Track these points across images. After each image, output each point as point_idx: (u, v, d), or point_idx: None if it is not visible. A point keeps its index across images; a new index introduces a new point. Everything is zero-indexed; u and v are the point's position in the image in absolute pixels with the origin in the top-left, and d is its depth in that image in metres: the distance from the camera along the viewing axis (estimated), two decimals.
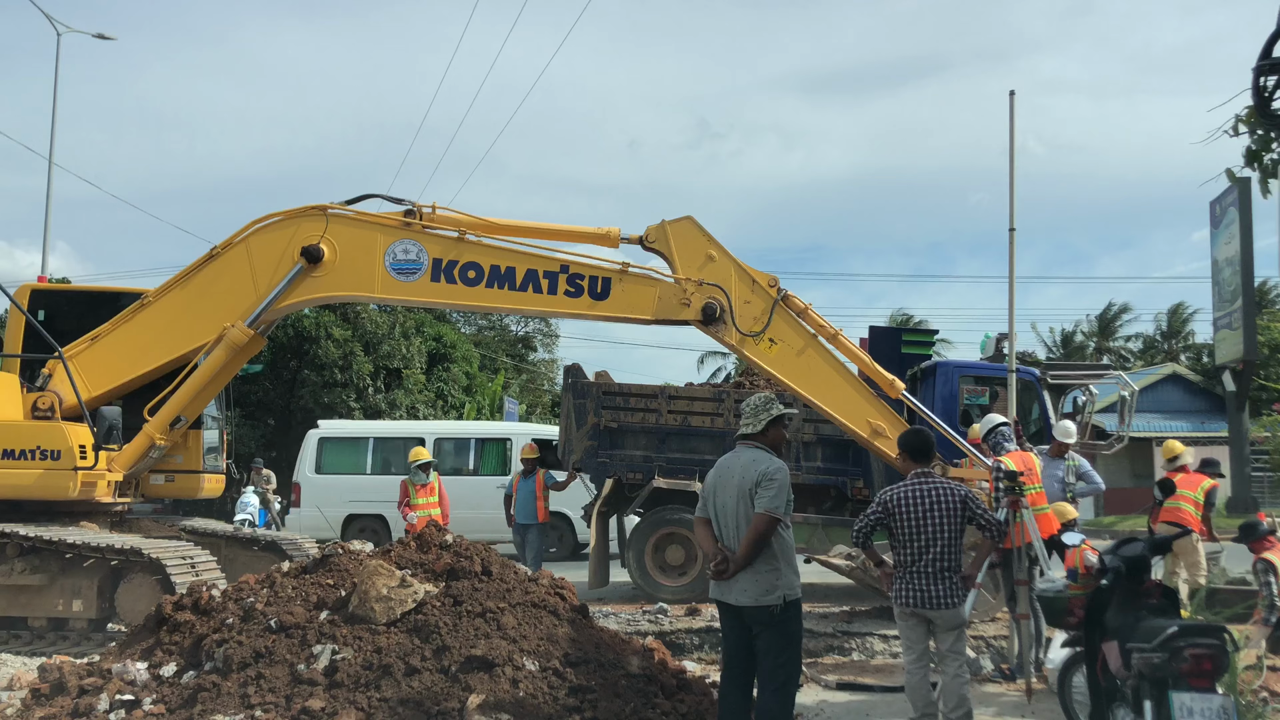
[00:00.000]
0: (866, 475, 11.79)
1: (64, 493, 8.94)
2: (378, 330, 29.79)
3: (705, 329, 9.21)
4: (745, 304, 9.16)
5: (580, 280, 9.15)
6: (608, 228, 9.41)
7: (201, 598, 5.98)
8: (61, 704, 5.34)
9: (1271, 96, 4.63)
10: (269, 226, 9.30)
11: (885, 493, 5.77)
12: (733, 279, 9.20)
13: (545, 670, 5.22)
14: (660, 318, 9.22)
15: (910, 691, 5.68)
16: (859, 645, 8.91)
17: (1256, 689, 6.46)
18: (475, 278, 9.12)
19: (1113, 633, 4.82)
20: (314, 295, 9.39)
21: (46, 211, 24.01)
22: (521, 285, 9.13)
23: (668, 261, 9.27)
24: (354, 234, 9.21)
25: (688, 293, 9.13)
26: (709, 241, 9.24)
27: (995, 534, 5.72)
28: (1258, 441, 26.34)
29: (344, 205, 9.33)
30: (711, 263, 9.19)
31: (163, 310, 9.38)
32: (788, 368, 9.19)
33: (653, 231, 9.26)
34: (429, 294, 9.25)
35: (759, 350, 9.15)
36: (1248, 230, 24.23)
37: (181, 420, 9.53)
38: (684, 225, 9.26)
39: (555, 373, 43.55)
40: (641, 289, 9.21)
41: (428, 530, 6.50)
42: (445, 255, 9.12)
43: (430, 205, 9.30)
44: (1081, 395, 13.08)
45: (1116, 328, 44.90)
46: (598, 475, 11.84)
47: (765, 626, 4.85)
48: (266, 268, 9.22)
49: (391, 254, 9.12)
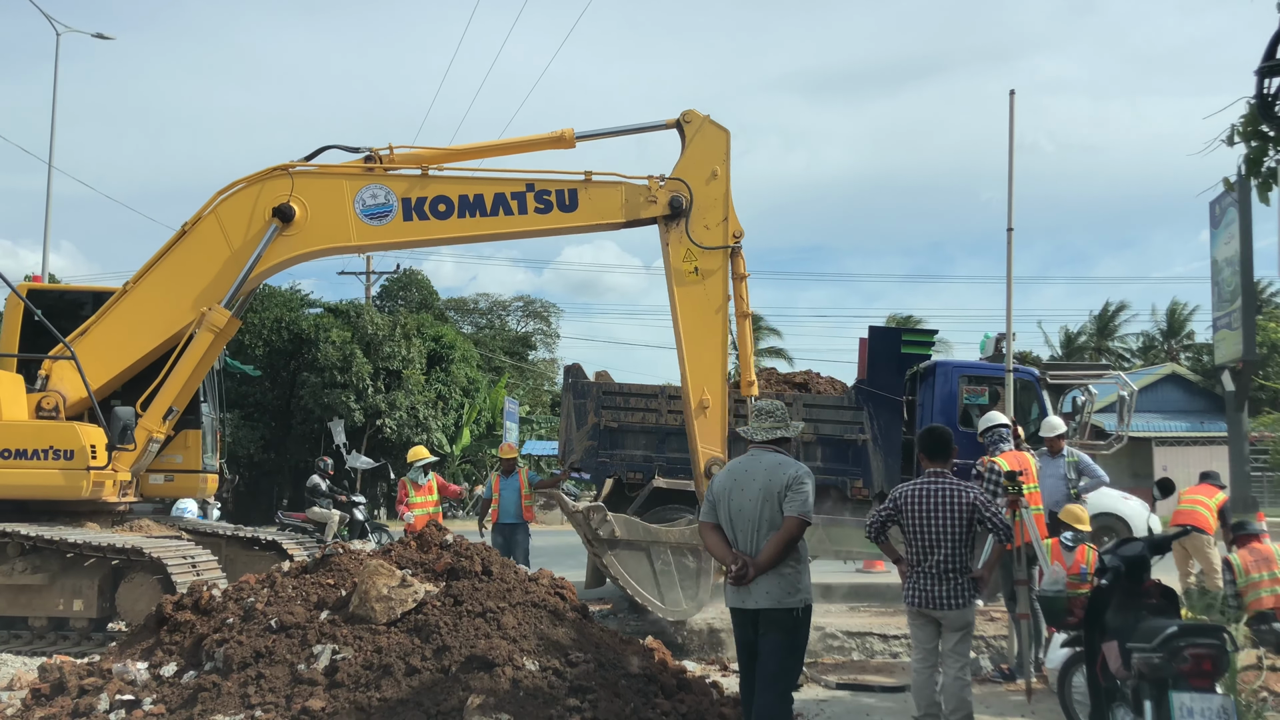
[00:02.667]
0: (866, 475, 11.80)
1: (76, 493, 8.94)
2: (378, 331, 29.78)
3: (667, 226, 9.26)
4: (705, 229, 9.25)
5: (547, 195, 9.26)
6: (561, 130, 9.43)
7: (202, 598, 5.98)
8: (61, 704, 5.34)
9: (1275, 99, 4.61)
10: (236, 194, 9.29)
11: (896, 489, 5.78)
12: (717, 201, 9.29)
13: (545, 670, 5.22)
14: (630, 218, 9.31)
15: (915, 690, 5.70)
16: (859, 645, 8.92)
17: (1256, 689, 6.47)
18: (446, 210, 9.21)
19: (1113, 633, 4.81)
20: (292, 254, 9.32)
21: (46, 212, 24.01)
22: (492, 210, 9.23)
23: (681, 150, 9.35)
24: (321, 187, 9.25)
25: (653, 190, 9.24)
26: (723, 161, 9.31)
27: (1005, 536, 5.71)
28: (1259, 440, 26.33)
29: (304, 161, 9.34)
30: (712, 179, 9.28)
31: (144, 295, 9.35)
32: (691, 303, 9.26)
33: (693, 118, 9.33)
34: (405, 233, 9.29)
35: (683, 268, 9.24)
36: (1247, 230, 24.13)
37: (174, 411, 9.48)
38: (717, 134, 9.34)
39: (555, 373, 43.58)
40: (607, 193, 9.32)
41: (428, 530, 6.51)
42: (413, 193, 9.20)
43: (387, 147, 9.33)
44: (1081, 395, 13.10)
45: (1116, 327, 44.91)
46: (598, 475, 11.84)
47: (779, 629, 4.78)
48: (239, 234, 9.20)
49: (360, 200, 9.17)
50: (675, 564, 9.31)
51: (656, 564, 9.28)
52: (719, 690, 5.99)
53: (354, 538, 15.06)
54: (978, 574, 5.65)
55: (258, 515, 28.15)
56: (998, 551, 5.95)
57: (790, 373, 13.89)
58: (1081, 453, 9.54)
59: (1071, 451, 9.30)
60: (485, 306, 49.31)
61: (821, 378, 13.41)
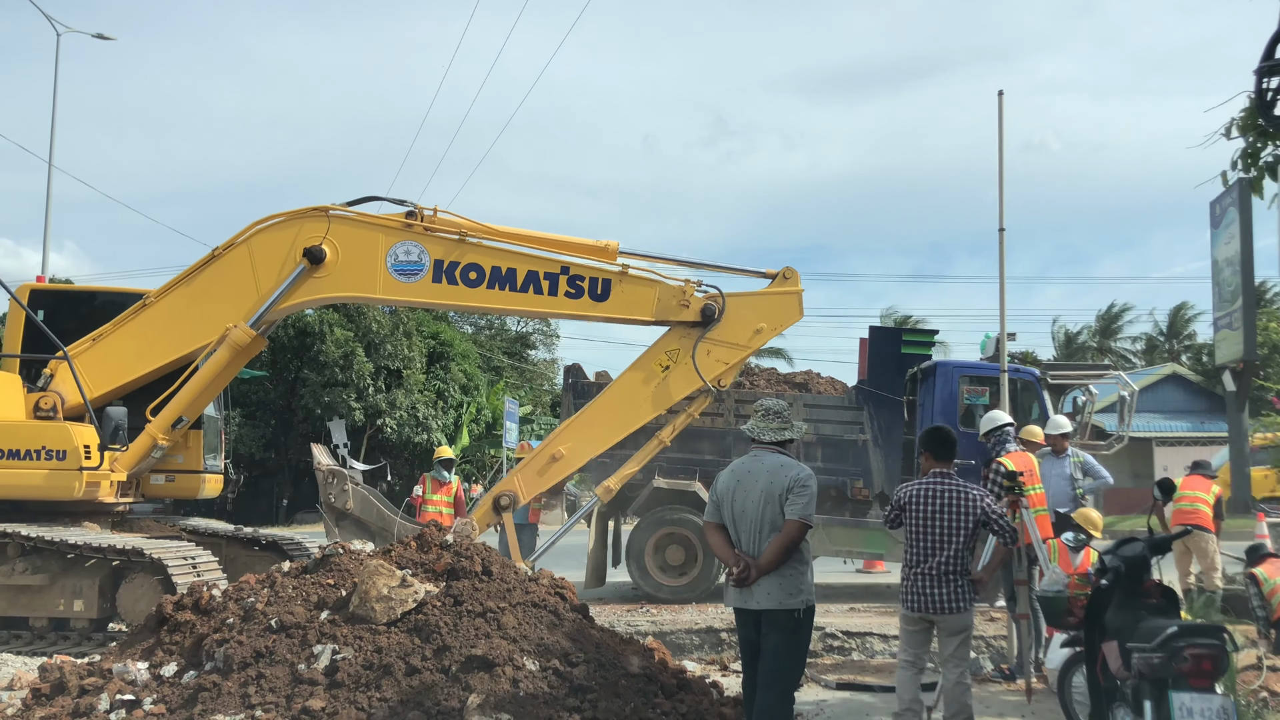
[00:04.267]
0: (866, 475, 11.81)
1: (68, 493, 8.93)
2: (379, 330, 29.79)
3: (691, 331, 9.35)
4: (707, 354, 9.35)
5: (580, 281, 9.21)
6: (606, 241, 9.44)
7: (202, 598, 5.98)
8: (62, 704, 5.34)
9: (1274, 99, 4.61)
10: (271, 227, 9.32)
11: (901, 488, 5.72)
12: (738, 349, 9.45)
13: (545, 670, 5.22)
14: (660, 318, 9.30)
15: (900, 685, 5.63)
16: (859, 645, 8.91)
17: (1256, 689, 6.47)
18: (476, 279, 9.16)
19: (1113, 633, 4.81)
20: (316, 296, 9.41)
21: (46, 212, 24.06)
22: (523, 286, 9.18)
23: (752, 295, 9.52)
24: (356, 235, 9.24)
25: (686, 294, 9.24)
26: (774, 330, 9.48)
27: (1010, 540, 5.64)
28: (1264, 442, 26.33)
29: (345, 206, 9.36)
30: (754, 335, 9.44)
31: (164, 311, 9.39)
32: (635, 385, 9.41)
33: (792, 276, 9.52)
34: (431, 295, 9.30)
35: (658, 358, 9.38)
36: (1248, 230, 24.21)
37: (183, 420, 9.54)
38: (793, 308, 9.49)
39: (555, 373, 43.55)
40: (641, 290, 9.28)
41: (428, 530, 6.51)
42: (447, 256, 9.17)
43: (432, 208, 9.34)
44: (1081, 395, 13.10)
45: (1118, 328, 44.89)
46: (598, 475, 11.85)
47: (781, 630, 4.78)
48: (268, 269, 9.24)
49: (393, 255, 9.16)
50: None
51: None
52: (719, 690, 5.99)
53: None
54: (978, 576, 5.56)
55: (257, 515, 28.15)
56: (1000, 554, 5.87)
57: (790, 373, 13.92)
58: (1087, 455, 9.53)
59: (1076, 452, 9.30)
60: None
61: (821, 378, 13.43)
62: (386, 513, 9.36)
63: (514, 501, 9.26)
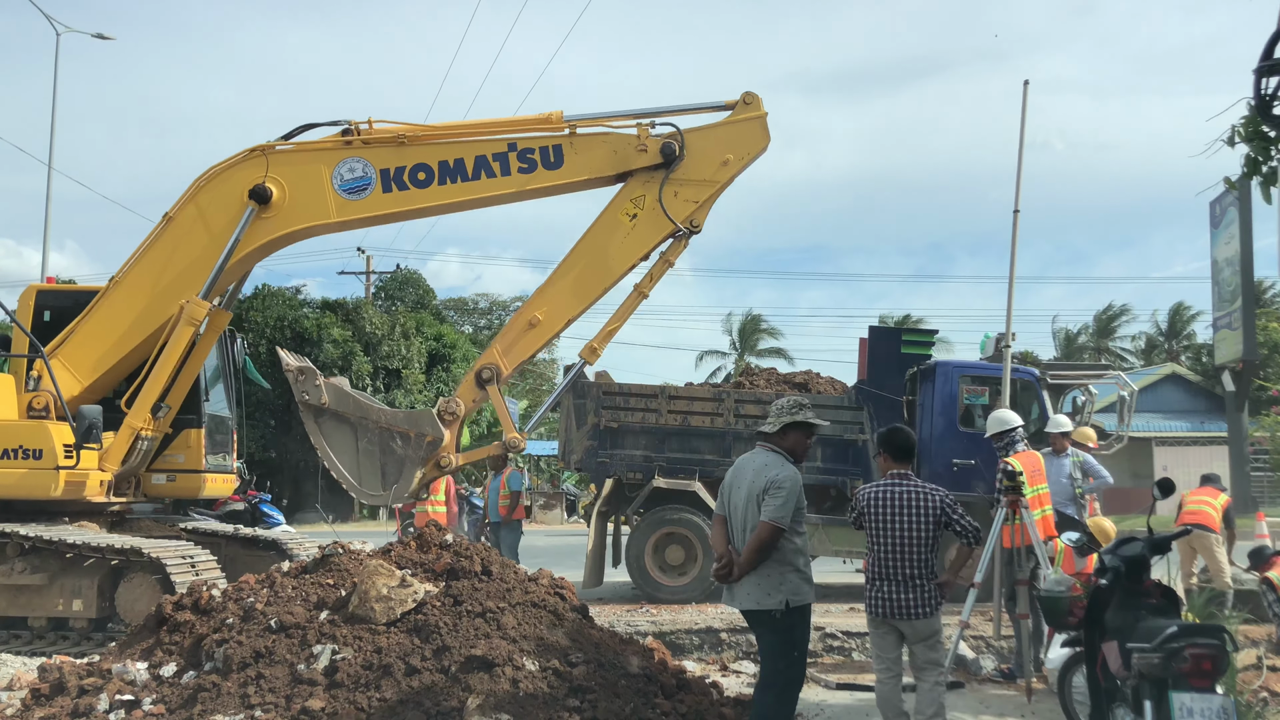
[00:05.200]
0: (866, 475, 11.79)
1: (46, 492, 8.83)
2: (377, 331, 29.80)
3: (655, 174, 8.74)
4: (674, 196, 8.71)
5: (531, 154, 8.80)
6: (549, 112, 8.97)
7: (201, 598, 5.98)
8: (61, 704, 5.34)
9: (1273, 99, 4.60)
10: (214, 180, 9.02)
11: (860, 490, 5.56)
12: (707, 184, 8.77)
13: (545, 670, 5.22)
14: (620, 170, 8.82)
15: (880, 702, 5.43)
16: (859, 645, 8.91)
17: (1256, 689, 6.47)
18: (426, 178, 8.84)
19: (1113, 633, 4.81)
20: (272, 235, 9.02)
21: (46, 212, 24.07)
22: (474, 174, 8.83)
23: (713, 127, 8.86)
24: (297, 165, 8.96)
25: (642, 138, 8.75)
26: (745, 159, 8.79)
27: (973, 540, 5.37)
28: (1258, 442, 26.35)
29: (282, 140, 9.09)
30: (721, 166, 8.78)
31: (129, 287, 9.16)
32: (602, 237, 8.81)
33: (753, 101, 8.80)
34: (385, 205, 8.94)
35: (623, 207, 8.77)
36: (1247, 230, 24.21)
37: (165, 408, 9.37)
38: (759, 134, 8.80)
39: (555, 373, 43.56)
40: (594, 147, 8.84)
41: (428, 530, 6.51)
42: (392, 163, 8.84)
43: (367, 120, 9.01)
44: (1081, 395, 13.09)
45: (1116, 328, 44.91)
46: (598, 475, 11.85)
47: (767, 629, 4.79)
48: (220, 221, 8.95)
49: (338, 176, 8.87)
50: (380, 445, 8.66)
51: (361, 441, 8.68)
52: (719, 690, 5.98)
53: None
54: (944, 579, 5.37)
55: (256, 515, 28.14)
56: (964, 555, 5.57)
57: (790, 373, 13.90)
58: (1087, 455, 9.53)
59: (1076, 451, 9.29)
60: (485, 306, 49.36)
61: (821, 378, 13.42)
62: (363, 400, 8.99)
63: (496, 374, 8.80)
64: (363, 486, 8.69)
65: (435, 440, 8.53)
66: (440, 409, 8.62)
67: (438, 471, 8.81)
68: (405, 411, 8.80)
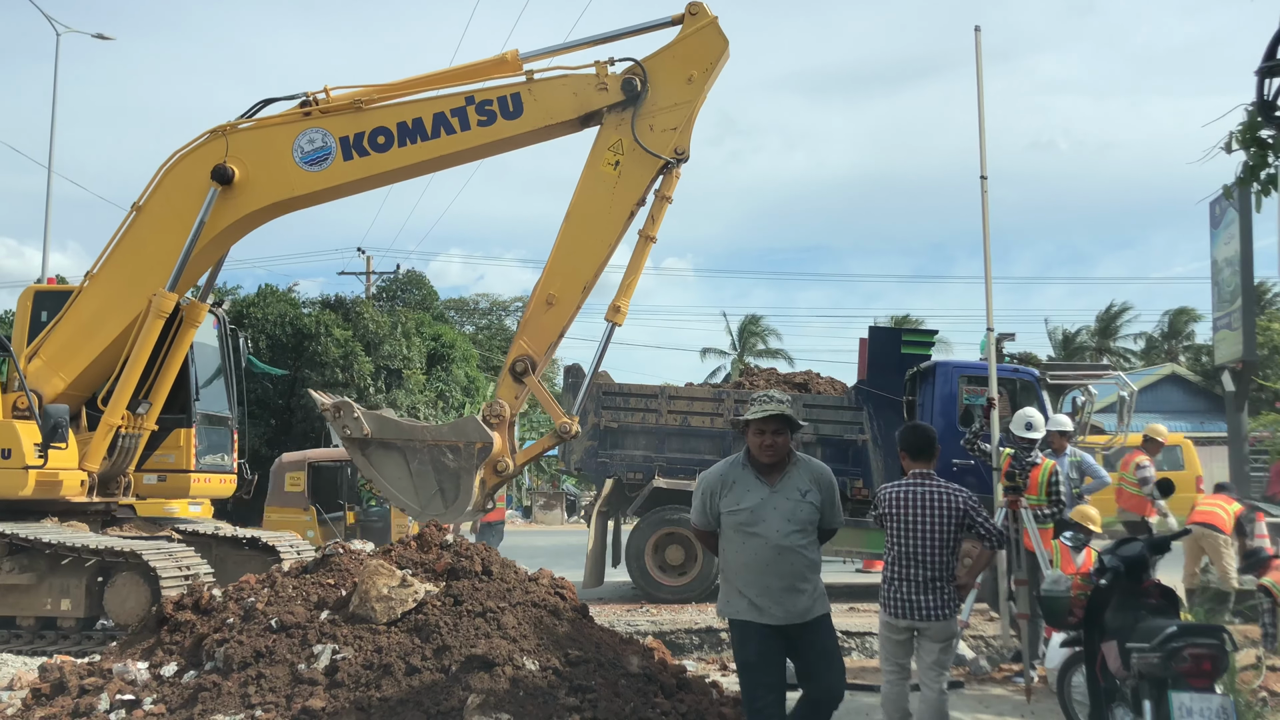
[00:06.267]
0: (866, 475, 11.81)
1: (15, 491, 8.81)
2: (378, 330, 29.83)
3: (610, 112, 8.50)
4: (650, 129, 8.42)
5: (489, 106, 8.60)
6: (504, 53, 8.80)
7: (202, 598, 5.99)
8: (62, 704, 5.35)
9: (1276, 100, 4.59)
10: (176, 165, 8.96)
11: (882, 489, 5.50)
12: (679, 107, 8.48)
13: (545, 670, 5.22)
14: (583, 112, 8.57)
15: (885, 701, 5.36)
16: (859, 645, 8.92)
17: (1256, 689, 6.47)
18: (386, 142, 8.69)
19: (1112, 633, 4.81)
20: (237, 216, 8.92)
21: (46, 212, 24.08)
22: (433, 132, 8.66)
23: (666, 49, 8.56)
24: (256, 141, 8.86)
25: (601, 77, 8.50)
26: (709, 69, 8.49)
27: (995, 543, 5.34)
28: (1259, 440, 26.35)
29: (242, 118, 9.01)
30: (686, 83, 8.46)
31: (104, 279, 9.11)
32: (593, 193, 8.51)
33: (699, 11, 8.46)
34: (348, 174, 8.80)
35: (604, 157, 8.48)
36: (1247, 230, 24.19)
37: (146, 404, 9.32)
38: (716, 40, 8.45)
39: (555, 373, 43.58)
40: (553, 91, 8.60)
41: (428, 530, 6.51)
42: (350, 130, 8.71)
43: (323, 89, 8.90)
44: (1080, 395, 13.10)
45: (1117, 328, 44.88)
46: (598, 475, 11.86)
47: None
48: (186, 206, 8.86)
49: (299, 148, 8.75)
50: (433, 464, 8.38)
51: (412, 464, 8.43)
52: (719, 690, 5.98)
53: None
54: (962, 581, 5.31)
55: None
56: (984, 558, 5.56)
57: (790, 373, 13.93)
58: (1085, 454, 9.53)
59: (1074, 451, 9.29)
60: (485, 307, 49.36)
61: (821, 378, 13.45)
62: (404, 423, 8.72)
63: (530, 364, 8.53)
64: (425, 510, 8.37)
65: (485, 446, 8.20)
66: (485, 414, 8.36)
67: (497, 478, 8.47)
68: (449, 424, 8.58)
